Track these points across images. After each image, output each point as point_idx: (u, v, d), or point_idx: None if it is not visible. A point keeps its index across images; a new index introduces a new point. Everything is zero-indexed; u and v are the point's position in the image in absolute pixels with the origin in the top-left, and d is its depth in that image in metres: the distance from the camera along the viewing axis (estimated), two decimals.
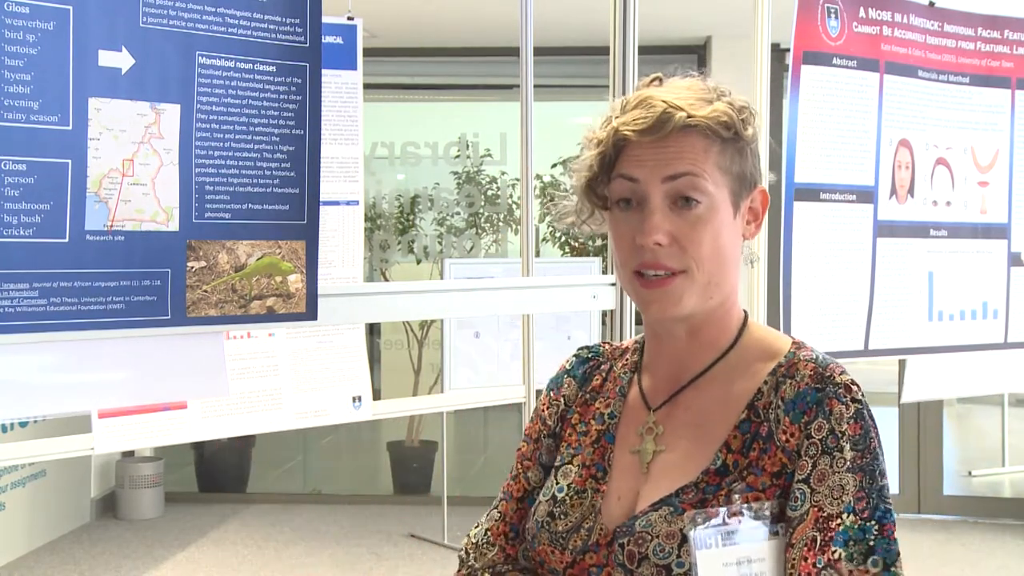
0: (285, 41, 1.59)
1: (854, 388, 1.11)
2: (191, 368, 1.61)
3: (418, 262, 6.22)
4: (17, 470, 4.84)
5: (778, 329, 2.22)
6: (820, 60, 2.22)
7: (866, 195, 2.32)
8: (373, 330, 6.30)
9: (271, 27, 1.58)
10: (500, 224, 6.23)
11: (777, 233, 2.21)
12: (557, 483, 1.23)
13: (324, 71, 1.65)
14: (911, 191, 2.39)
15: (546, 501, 1.22)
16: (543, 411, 1.33)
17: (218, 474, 6.22)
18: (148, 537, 5.27)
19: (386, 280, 6.14)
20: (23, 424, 4.52)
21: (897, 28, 2.33)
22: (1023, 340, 2.58)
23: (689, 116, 1.13)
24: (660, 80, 1.21)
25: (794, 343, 1.19)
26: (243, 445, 6.13)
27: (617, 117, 1.16)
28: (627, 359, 1.30)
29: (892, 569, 1.05)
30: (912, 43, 2.36)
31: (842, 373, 1.12)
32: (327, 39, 2.97)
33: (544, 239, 6.18)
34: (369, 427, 6.62)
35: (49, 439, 2.75)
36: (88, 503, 5.54)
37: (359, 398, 3.21)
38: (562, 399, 1.32)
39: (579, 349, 1.37)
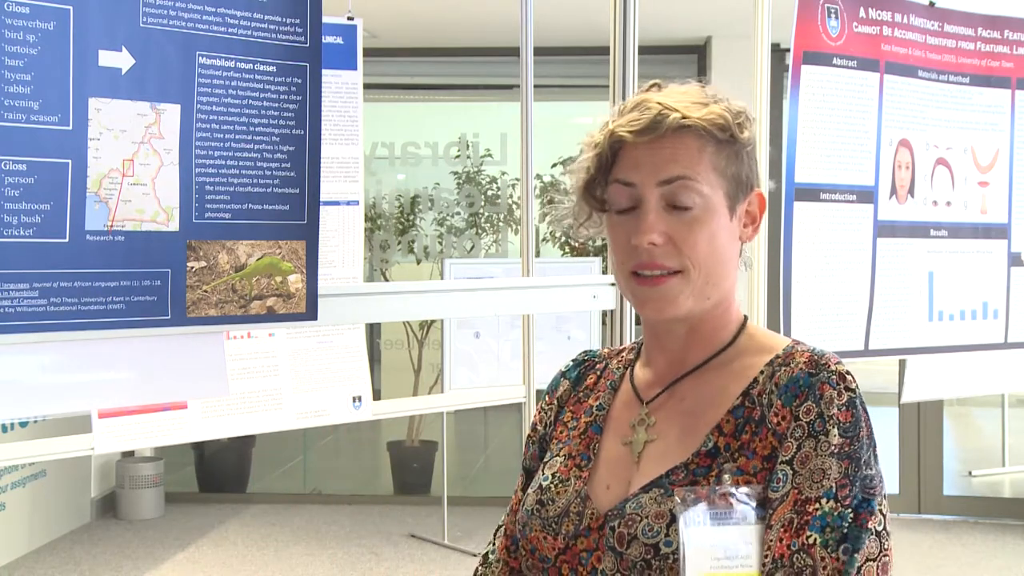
0: (285, 41, 1.59)
1: (848, 377, 1.11)
2: (191, 368, 1.61)
3: (418, 262, 6.22)
4: (17, 470, 4.84)
5: (778, 329, 2.23)
6: (820, 60, 2.22)
7: (866, 195, 2.32)
8: (373, 330, 6.30)
9: (271, 27, 1.58)
10: (500, 224, 6.23)
11: (777, 233, 2.21)
12: (543, 474, 1.25)
13: (324, 71, 1.65)
14: (911, 191, 2.39)
15: (534, 491, 1.24)
16: (537, 417, 1.35)
17: (218, 474, 6.22)
18: (148, 537, 5.27)
19: (386, 280, 6.14)
20: (23, 424, 4.52)
21: (897, 28, 2.33)
22: (1023, 340, 2.58)
23: (684, 117, 1.13)
24: (659, 86, 1.22)
25: (793, 341, 1.20)
26: (243, 445, 6.13)
27: (614, 120, 1.17)
28: (623, 356, 1.32)
29: (854, 555, 1.04)
30: (912, 43, 2.36)
31: (838, 363, 1.12)
32: (327, 39, 2.97)
33: (544, 239, 6.18)
34: (369, 427, 6.62)
35: (49, 439, 2.75)
36: (88, 503, 5.54)
37: (359, 398, 3.21)
38: (556, 401, 1.34)
39: (579, 353, 1.38)
